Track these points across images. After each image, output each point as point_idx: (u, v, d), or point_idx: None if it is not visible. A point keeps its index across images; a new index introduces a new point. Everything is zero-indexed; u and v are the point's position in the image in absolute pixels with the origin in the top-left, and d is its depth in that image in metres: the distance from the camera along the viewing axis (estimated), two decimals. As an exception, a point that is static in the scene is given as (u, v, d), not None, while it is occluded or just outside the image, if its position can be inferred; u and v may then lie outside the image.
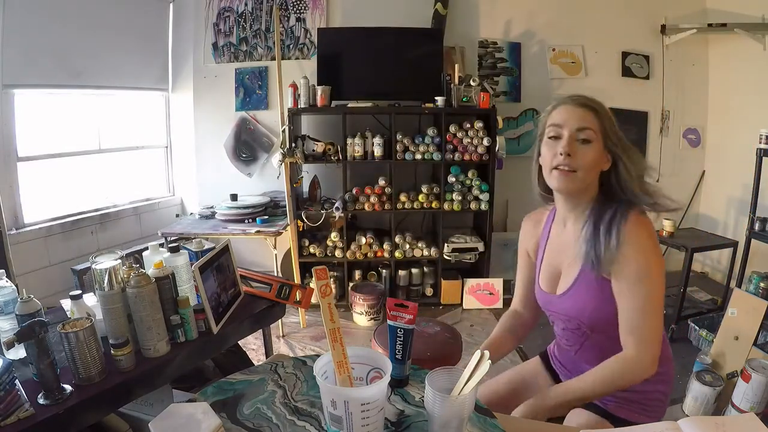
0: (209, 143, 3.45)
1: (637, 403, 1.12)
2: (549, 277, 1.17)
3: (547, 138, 1.06)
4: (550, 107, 1.09)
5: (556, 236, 1.18)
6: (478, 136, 3.02)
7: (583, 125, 1.02)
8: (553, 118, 1.06)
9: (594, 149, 1.02)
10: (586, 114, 1.02)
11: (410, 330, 0.96)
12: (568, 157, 1.01)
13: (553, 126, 1.05)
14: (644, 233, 0.99)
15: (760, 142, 2.67)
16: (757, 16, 3.07)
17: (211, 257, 1.38)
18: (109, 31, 2.94)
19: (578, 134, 1.02)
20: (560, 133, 1.03)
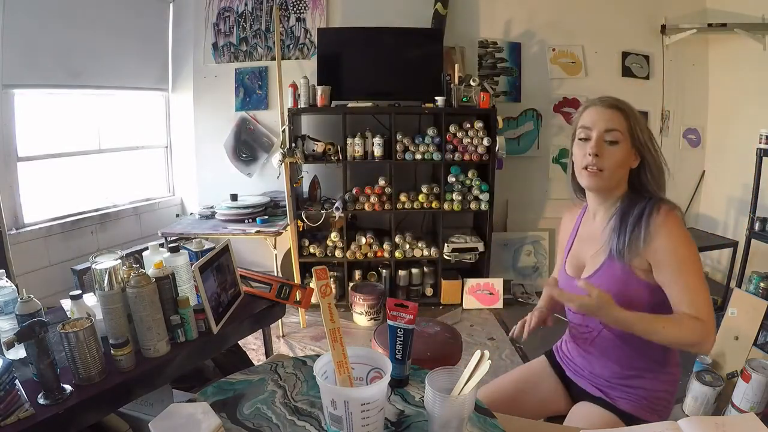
0: (209, 143, 3.45)
1: (646, 400, 1.14)
2: (575, 265, 1.23)
3: (578, 139, 1.13)
4: (581, 108, 1.15)
5: (584, 228, 1.25)
6: (478, 136, 3.02)
7: (610, 126, 1.07)
8: (584, 119, 1.12)
9: (621, 149, 1.08)
10: (613, 115, 1.08)
11: (410, 330, 0.96)
12: (596, 157, 1.08)
13: (582, 128, 1.11)
14: (675, 224, 1.04)
15: (760, 142, 2.67)
16: (757, 16, 3.07)
17: (211, 257, 1.38)
18: (109, 31, 2.94)
19: (606, 135, 1.08)
20: (589, 134, 1.10)
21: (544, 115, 3.54)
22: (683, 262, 1.02)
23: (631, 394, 1.15)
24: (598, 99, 1.12)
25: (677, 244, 1.03)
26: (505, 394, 1.31)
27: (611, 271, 1.11)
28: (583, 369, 1.24)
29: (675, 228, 1.04)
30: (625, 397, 1.15)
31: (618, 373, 1.16)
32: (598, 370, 1.20)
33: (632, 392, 1.15)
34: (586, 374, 1.23)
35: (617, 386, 1.16)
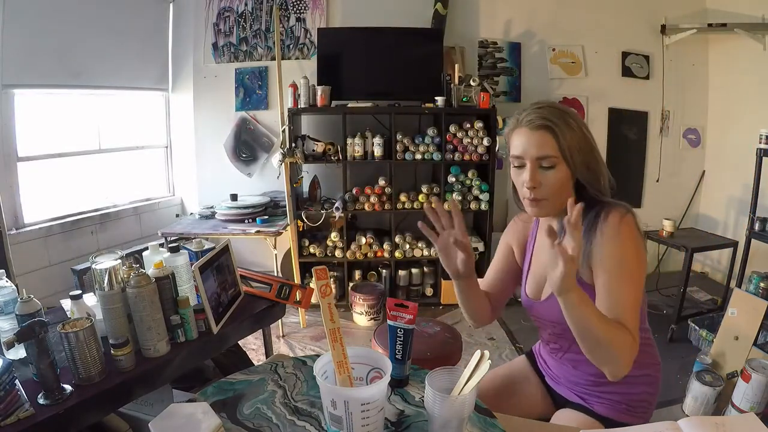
0: (209, 143, 3.45)
1: (624, 404, 1.12)
2: (535, 285, 1.17)
3: (513, 167, 1.05)
4: (509, 127, 1.06)
5: (541, 243, 1.16)
6: (478, 136, 3.02)
7: (542, 153, 0.99)
8: (514, 147, 1.03)
9: (558, 172, 1.00)
10: (543, 138, 0.98)
11: (410, 330, 0.96)
12: (533, 189, 1.01)
13: (514, 157, 1.04)
14: (628, 231, 0.96)
15: (760, 142, 2.67)
16: (757, 16, 3.07)
17: (211, 257, 1.38)
18: (109, 31, 2.94)
19: (540, 162, 1.00)
20: (522, 163, 1.02)
21: (544, 115, 3.54)
22: (626, 272, 0.95)
23: (607, 399, 1.12)
24: (525, 116, 1.01)
25: (624, 252, 0.95)
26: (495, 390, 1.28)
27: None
28: (560, 377, 1.22)
29: (627, 235, 0.96)
30: (603, 402, 1.13)
31: (592, 381, 1.13)
32: (573, 378, 1.18)
33: (608, 397, 1.12)
34: (563, 381, 1.21)
35: (593, 392, 1.14)
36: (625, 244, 0.95)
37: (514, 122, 1.04)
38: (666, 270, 3.67)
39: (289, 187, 2.85)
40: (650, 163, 3.68)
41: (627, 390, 1.11)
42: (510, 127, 1.06)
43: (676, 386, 2.22)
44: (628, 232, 0.96)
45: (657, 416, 1.84)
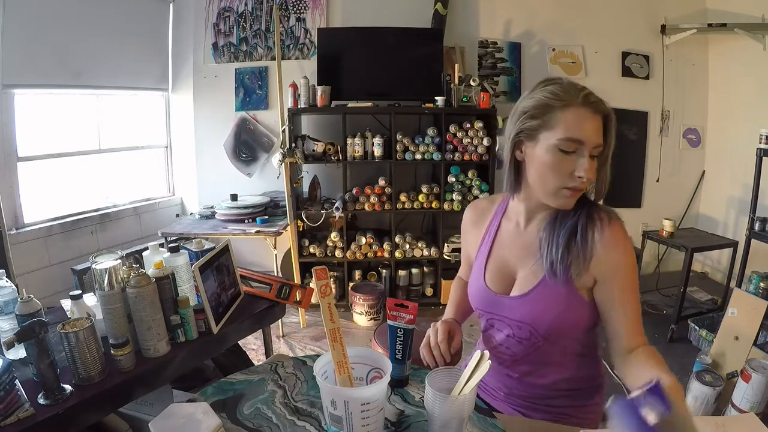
0: (209, 143, 3.45)
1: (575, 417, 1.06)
2: (499, 277, 1.05)
3: (558, 149, 0.89)
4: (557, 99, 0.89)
5: (509, 233, 1.06)
6: (478, 136, 3.02)
7: (599, 141, 0.89)
8: (571, 128, 0.87)
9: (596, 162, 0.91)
10: (601, 124, 0.90)
11: (410, 330, 0.96)
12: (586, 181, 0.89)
13: (570, 140, 0.88)
14: (625, 237, 0.94)
15: (760, 142, 2.67)
16: (757, 16, 3.07)
17: (211, 257, 1.38)
18: (109, 31, 2.94)
19: (593, 151, 0.89)
20: (577, 148, 0.88)
21: (544, 115, 3.54)
22: (633, 283, 0.92)
23: (552, 413, 1.05)
24: (585, 96, 0.89)
25: (628, 261, 0.92)
26: None
27: (552, 291, 0.95)
28: (497, 390, 1.11)
29: (626, 241, 0.93)
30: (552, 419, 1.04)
31: (541, 394, 1.05)
32: (516, 391, 1.08)
33: (556, 410, 1.05)
34: (501, 396, 1.11)
35: (539, 406, 1.06)
36: (628, 253, 0.93)
37: (564, 96, 0.88)
38: (666, 270, 3.67)
39: (289, 187, 2.85)
40: (650, 163, 3.67)
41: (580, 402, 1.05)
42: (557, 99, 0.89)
43: (676, 386, 2.22)
44: (625, 238, 0.93)
45: (657, 416, 1.81)
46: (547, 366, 1.03)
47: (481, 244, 1.11)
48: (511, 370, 1.07)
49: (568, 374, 1.03)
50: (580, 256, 0.92)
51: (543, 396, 1.05)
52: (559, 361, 1.02)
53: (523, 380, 1.06)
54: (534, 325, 0.98)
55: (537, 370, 1.03)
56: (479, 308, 1.10)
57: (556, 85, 0.92)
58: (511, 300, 1.02)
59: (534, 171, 0.94)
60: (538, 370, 1.03)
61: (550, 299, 0.96)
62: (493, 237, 1.09)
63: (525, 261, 1.01)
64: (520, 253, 1.02)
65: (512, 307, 1.01)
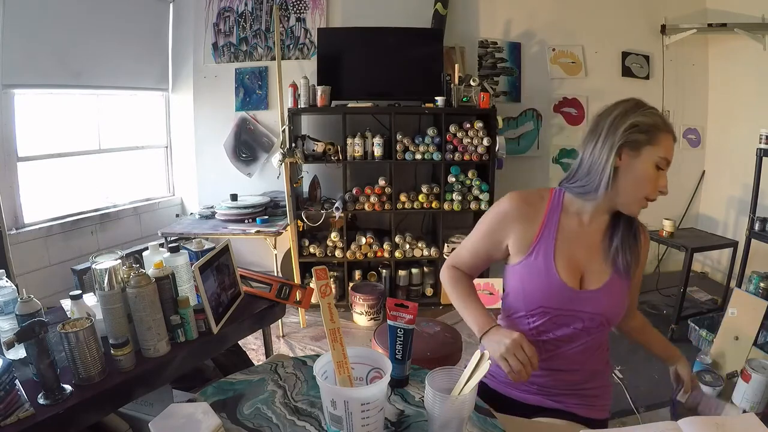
0: (209, 143, 3.45)
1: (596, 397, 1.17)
2: (571, 273, 1.07)
3: (656, 165, 1.03)
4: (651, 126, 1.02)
5: (572, 229, 1.10)
6: (478, 136, 3.02)
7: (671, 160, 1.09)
8: (668, 150, 1.05)
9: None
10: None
11: (410, 330, 0.96)
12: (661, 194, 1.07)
13: (665, 160, 1.05)
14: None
15: (760, 142, 2.67)
16: (757, 16, 3.07)
17: (211, 257, 1.38)
18: (109, 31, 2.94)
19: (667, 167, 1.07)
20: (665, 166, 1.06)
21: (544, 115, 3.54)
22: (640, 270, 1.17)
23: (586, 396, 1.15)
24: (668, 125, 1.06)
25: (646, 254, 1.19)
26: None
27: (619, 284, 1.09)
28: (531, 385, 1.15)
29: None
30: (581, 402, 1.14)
31: (568, 381, 1.13)
32: (549, 383, 1.14)
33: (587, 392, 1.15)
34: (534, 390, 1.15)
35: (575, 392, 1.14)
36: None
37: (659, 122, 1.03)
38: (666, 270, 3.67)
39: (289, 187, 2.85)
40: (650, 163, 3.67)
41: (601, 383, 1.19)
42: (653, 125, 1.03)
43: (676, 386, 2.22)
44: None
45: (657, 416, 1.84)
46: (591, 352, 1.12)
47: (538, 241, 1.09)
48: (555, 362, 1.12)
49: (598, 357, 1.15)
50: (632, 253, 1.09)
51: (575, 381, 1.13)
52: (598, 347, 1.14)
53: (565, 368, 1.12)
54: (607, 316, 1.09)
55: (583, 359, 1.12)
56: (547, 305, 1.07)
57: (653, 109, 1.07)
58: (589, 294, 1.08)
59: (630, 179, 1.03)
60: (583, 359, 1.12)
61: (620, 291, 1.10)
62: (554, 233, 1.09)
63: (592, 256, 1.10)
64: (587, 249, 1.10)
65: (588, 300, 1.07)
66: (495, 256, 1.17)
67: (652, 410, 2.07)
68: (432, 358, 1.71)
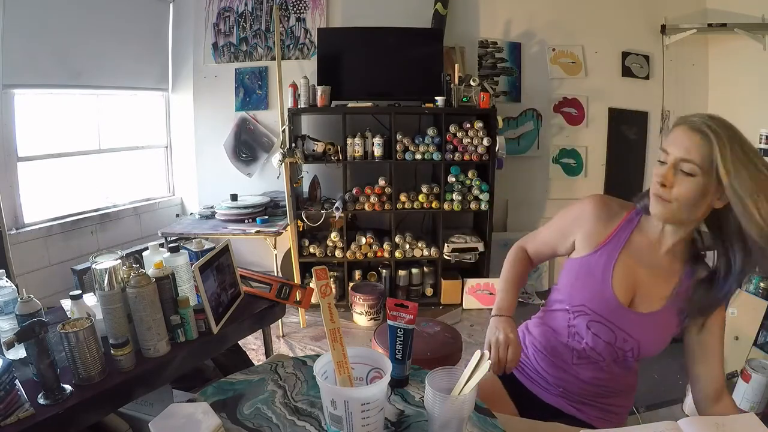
0: (209, 143, 3.45)
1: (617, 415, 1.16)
2: (626, 289, 1.06)
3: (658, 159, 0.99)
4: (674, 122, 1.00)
5: (641, 247, 1.07)
6: (478, 136, 3.02)
7: (686, 156, 0.92)
8: (668, 140, 0.98)
9: (695, 184, 0.92)
10: (698, 142, 0.91)
11: (410, 330, 0.96)
12: (663, 187, 0.96)
13: (662, 149, 0.98)
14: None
15: (760, 142, 2.67)
16: (757, 16, 3.06)
17: (211, 257, 1.38)
18: (109, 32, 2.94)
19: (681, 164, 0.93)
20: (666, 159, 0.96)
21: (544, 115, 3.54)
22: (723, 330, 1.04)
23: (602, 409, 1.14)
24: (690, 118, 0.95)
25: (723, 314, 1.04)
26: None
27: (668, 320, 1.04)
28: (557, 386, 1.15)
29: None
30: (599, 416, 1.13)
31: (596, 392, 1.13)
32: (574, 389, 1.14)
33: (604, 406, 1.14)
34: (558, 392, 1.16)
35: (593, 403, 1.14)
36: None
37: (678, 119, 0.99)
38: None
39: (289, 187, 2.85)
40: (650, 163, 3.67)
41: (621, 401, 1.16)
42: (675, 123, 1.00)
43: (676, 386, 2.22)
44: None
45: (657, 416, 1.84)
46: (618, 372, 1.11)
47: (605, 243, 1.09)
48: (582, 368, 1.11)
49: (625, 378, 1.13)
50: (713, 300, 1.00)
51: (598, 394, 1.13)
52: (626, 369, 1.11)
53: (590, 381, 1.11)
54: (641, 343, 1.05)
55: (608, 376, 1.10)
56: (590, 308, 1.07)
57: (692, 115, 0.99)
58: (634, 315, 1.05)
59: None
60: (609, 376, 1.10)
61: (664, 327, 1.05)
62: (622, 244, 1.08)
63: (653, 281, 1.05)
64: (650, 272, 1.05)
65: (632, 321, 1.04)
66: (560, 251, 1.20)
67: (652, 410, 2.06)
68: (432, 358, 1.71)
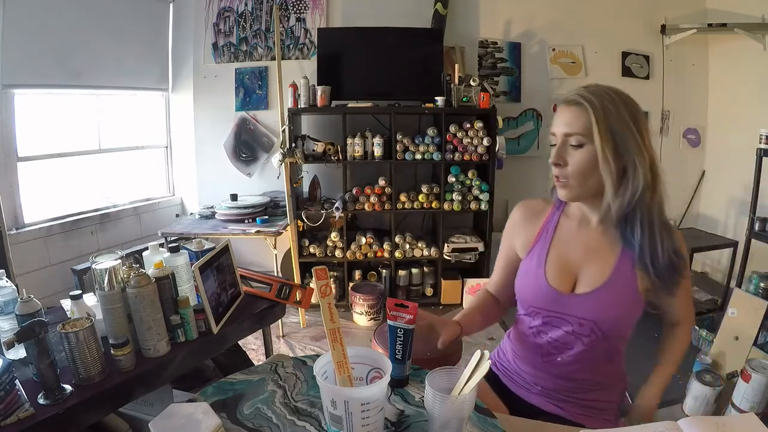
0: (209, 143, 3.45)
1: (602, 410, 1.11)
2: (560, 276, 1.05)
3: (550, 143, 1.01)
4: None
5: (568, 231, 1.07)
6: (478, 136, 3.02)
7: (570, 130, 0.94)
8: (553, 123, 0.99)
9: (587, 153, 0.93)
10: (576, 113, 0.93)
11: (410, 330, 0.96)
12: (557, 167, 0.96)
13: (551, 134, 0.99)
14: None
15: (760, 142, 2.67)
16: (757, 16, 3.07)
17: (211, 257, 1.38)
18: (109, 31, 2.94)
19: (568, 140, 0.94)
20: (555, 140, 0.97)
21: (544, 115, 3.54)
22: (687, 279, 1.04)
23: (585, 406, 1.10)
24: (567, 94, 0.97)
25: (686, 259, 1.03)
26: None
27: (619, 290, 1.00)
28: (535, 384, 1.14)
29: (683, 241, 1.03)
30: (582, 412, 1.10)
31: (576, 387, 1.09)
32: (551, 386, 1.11)
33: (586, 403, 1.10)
34: (537, 390, 1.13)
35: (574, 400, 1.10)
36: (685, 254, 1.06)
37: (560, 101, 1.01)
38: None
39: (289, 187, 2.85)
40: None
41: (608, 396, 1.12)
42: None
43: (676, 386, 2.21)
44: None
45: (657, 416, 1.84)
46: (594, 361, 1.06)
47: (536, 241, 1.10)
48: (557, 366, 1.08)
49: (606, 369, 1.09)
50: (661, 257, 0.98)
51: (578, 389, 1.09)
52: (605, 358, 1.06)
53: (566, 375, 1.09)
54: (597, 323, 1.01)
55: (584, 367, 1.06)
56: (536, 306, 1.08)
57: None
58: (577, 298, 1.02)
59: None
60: (584, 366, 1.06)
61: (616, 298, 1.00)
62: (551, 234, 1.08)
63: (589, 259, 1.03)
64: (584, 251, 1.04)
65: (577, 304, 1.02)
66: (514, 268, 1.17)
67: (653, 410, 2.06)
68: (432, 358, 1.70)
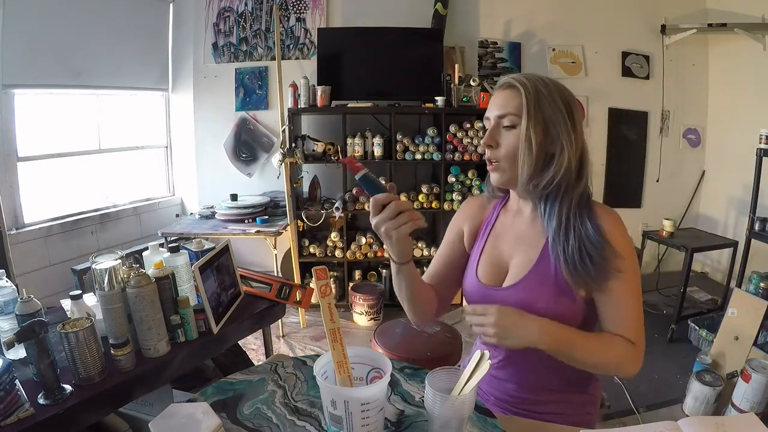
0: (209, 143, 3.45)
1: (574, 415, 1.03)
2: (491, 270, 1.01)
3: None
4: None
5: (504, 224, 1.04)
6: (478, 136, 3.02)
7: (503, 111, 0.92)
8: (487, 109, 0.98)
9: (516, 133, 0.91)
10: (509, 95, 0.92)
11: (363, 176, 0.90)
12: (489, 148, 0.95)
13: (485, 119, 0.98)
14: (622, 226, 0.92)
15: (760, 142, 2.67)
16: (757, 16, 3.07)
17: (211, 257, 1.38)
18: (109, 31, 2.94)
19: (502, 122, 0.93)
20: (488, 124, 0.96)
21: (544, 115, 3.54)
22: (630, 276, 0.89)
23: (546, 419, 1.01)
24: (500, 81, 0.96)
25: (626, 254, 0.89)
26: None
27: (542, 276, 0.93)
28: (487, 394, 1.07)
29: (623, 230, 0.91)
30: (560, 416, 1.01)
31: (527, 399, 1.02)
32: (503, 395, 1.05)
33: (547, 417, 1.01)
34: (491, 400, 1.07)
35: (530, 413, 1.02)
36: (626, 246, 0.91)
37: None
38: (666, 270, 3.67)
39: (289, 187, 2.85)
40: (650, 163, 3.67)
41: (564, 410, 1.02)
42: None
43: (676, 386, 2.22)
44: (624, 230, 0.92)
45: (657, 416, 1.84)
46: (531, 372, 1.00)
47: (477, 237, 1.08)
48: (500, 371, 1.03)
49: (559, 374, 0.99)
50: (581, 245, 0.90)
51: (534, 401, 1.02)
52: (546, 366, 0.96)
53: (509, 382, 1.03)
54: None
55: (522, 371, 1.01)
56: (470, 302, 1.04)
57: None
58: (502, 291, 0.98)
59: None
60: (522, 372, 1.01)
61: (541, 287, 0.93)
62: (489, 229, 1.06)
63: (518, 249, 0.99)
64: (517, 243, 1.00)
65: (503, 298, 0.95)
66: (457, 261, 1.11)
67: (652, 410, 2.07)
68: (432, 358, 1.71)
